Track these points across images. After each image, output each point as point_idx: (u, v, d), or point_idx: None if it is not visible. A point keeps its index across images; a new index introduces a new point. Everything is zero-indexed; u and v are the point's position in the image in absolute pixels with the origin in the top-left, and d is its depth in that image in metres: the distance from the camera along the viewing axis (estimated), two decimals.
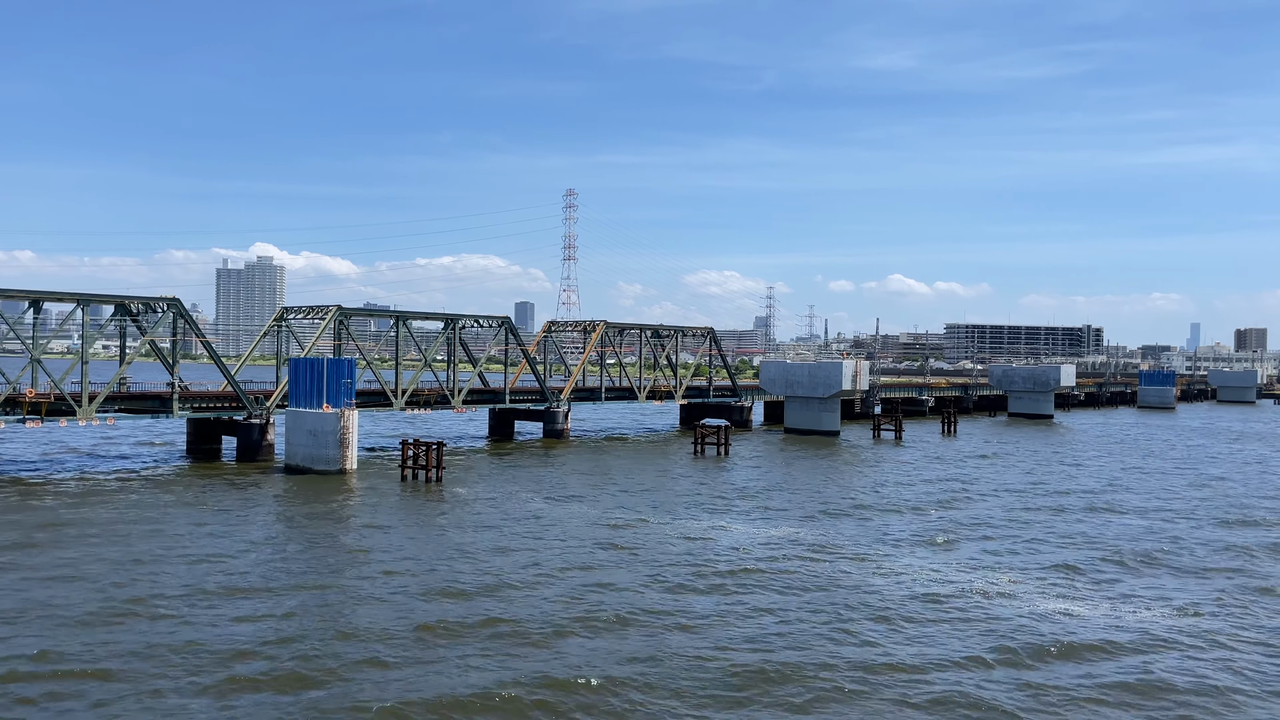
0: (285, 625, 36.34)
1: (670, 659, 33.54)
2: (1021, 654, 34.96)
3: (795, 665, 33.17)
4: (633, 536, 54.24)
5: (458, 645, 34.57)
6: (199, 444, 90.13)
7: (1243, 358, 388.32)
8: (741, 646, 35.05)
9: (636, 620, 37.99)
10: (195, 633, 35.11)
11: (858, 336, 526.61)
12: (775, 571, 46.52)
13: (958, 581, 45.28)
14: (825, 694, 30.90)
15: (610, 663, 33.10)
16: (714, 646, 34.93)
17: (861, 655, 34.46)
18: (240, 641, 34.25)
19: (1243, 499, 74.84)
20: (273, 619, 37.03)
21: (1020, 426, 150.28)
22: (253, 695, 29.54)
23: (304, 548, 50.07)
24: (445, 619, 37.42)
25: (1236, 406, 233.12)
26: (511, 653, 33.93)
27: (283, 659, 32.54)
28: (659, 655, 33.89)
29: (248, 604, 39.02)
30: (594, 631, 36.55)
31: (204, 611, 37.73)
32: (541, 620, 37.59)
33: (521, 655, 33.69)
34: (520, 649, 34.35)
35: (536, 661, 33.08)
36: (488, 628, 36.57)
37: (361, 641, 34.63)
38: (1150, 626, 38.85)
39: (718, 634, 36.42)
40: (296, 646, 33.77)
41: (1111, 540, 56.41)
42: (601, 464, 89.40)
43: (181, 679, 30.59)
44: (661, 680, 31.55)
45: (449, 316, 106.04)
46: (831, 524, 59.98)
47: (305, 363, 78.32)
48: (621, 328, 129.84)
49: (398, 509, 62.32)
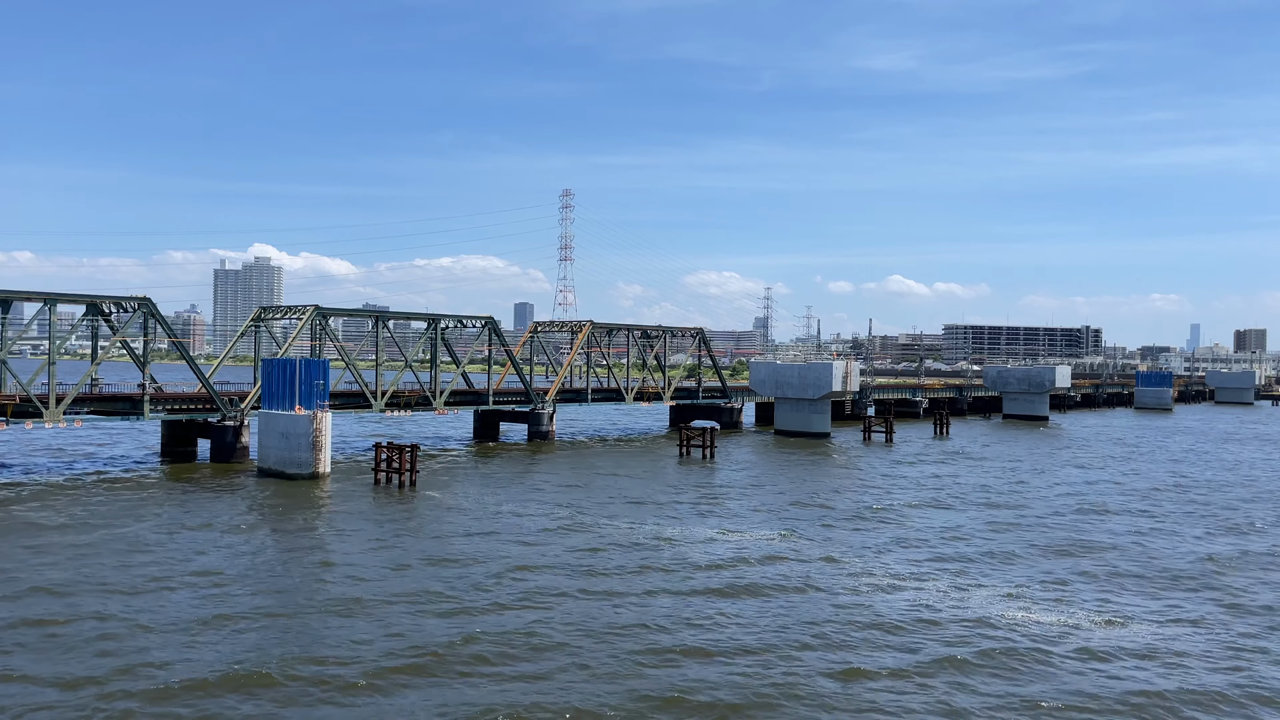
0: (218, 652, 34.65)
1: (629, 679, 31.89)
2: (988, 664, 33.30)
3: (745, 678, 31.52)
4: (596, 541, 52.54)
5: (411, 681, 32.86)
6: (174, 446, 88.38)
7: (1241, 358, 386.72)
8: (710, 673, 33.41)
9: (598, 636, 36.31)
10: (118, 661, 33.37)
11: (856, 337, 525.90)
12: (742, 579, 44.84)
13: (915, 589, 43.60)
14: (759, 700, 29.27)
15: (565, 689, 31.43)
16: (668, 653, 33.28)
17: (811, 668, 32.79)
18: (169, 674, 32.56)
19: (1211, 501, 73.23)
20: (211, 645, 35.36)
21: (1013, 428, 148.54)
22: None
23: (251, 564, 48.35)
24: (394, 650, 35.58)
25: (1234, 408, 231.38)
26: (465, 683, 32.25)
27: (214, 690, 30.85)
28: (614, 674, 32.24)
29: (175, 636, 37.32)
30: (536, 654, 34.85)
31: (127, 643, 35.99)
32: (496, 638, 35.90)
33: (475, 684, 32.01)
34: (477, 675, 32.66)
35: (489, 691, 31.40)
36: (443, 656, 34.85)
37: (298, 682, 32.94)
38: (1067, 627, 37.21)
39: (678, 640, 34.77)
40: (233, 677, 32.09)
41: (1076, 545, 54.77)
42: (583, 467, 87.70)
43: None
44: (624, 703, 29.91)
45: (431, 316, 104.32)
46: (803, 529, 58.26)
47: (278, 363, 76.64)
48: (610, 328, 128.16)
49: (364, 517, 60.55)
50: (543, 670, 32.47)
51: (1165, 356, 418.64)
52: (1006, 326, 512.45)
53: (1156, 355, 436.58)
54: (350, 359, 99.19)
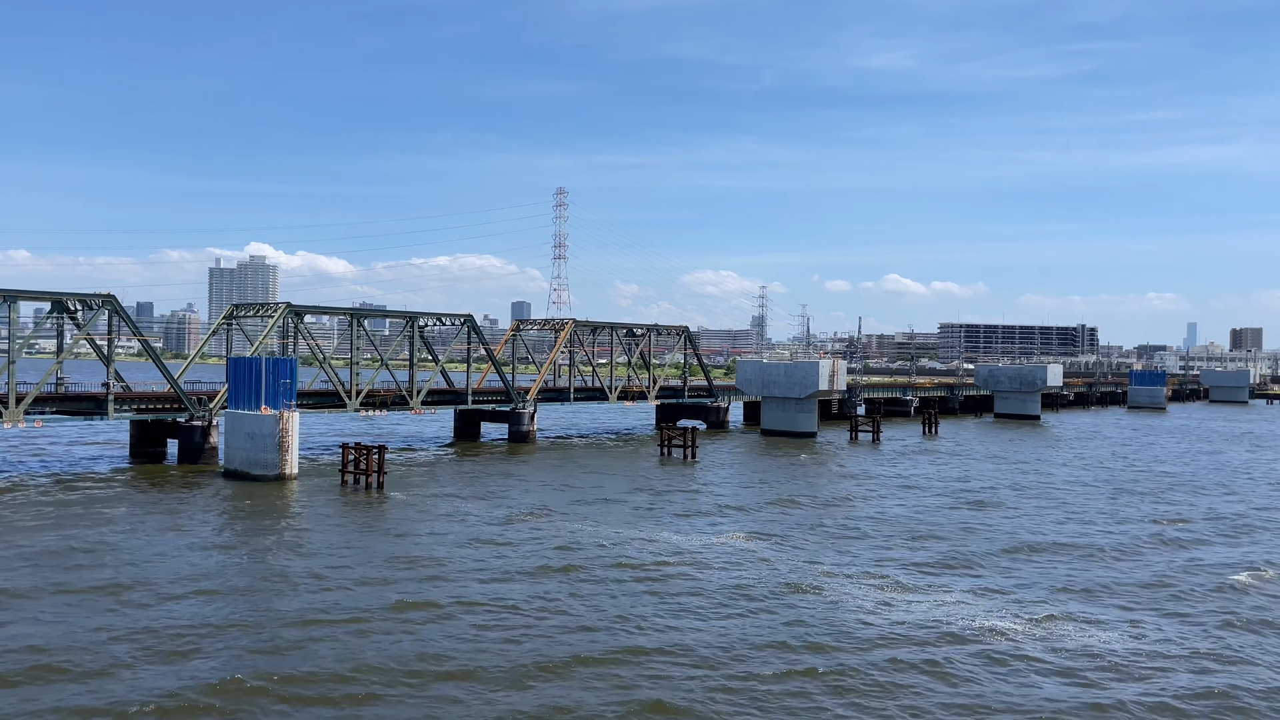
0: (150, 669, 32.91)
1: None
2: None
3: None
4: (552, 543, 50.82)
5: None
6: (142, 446, 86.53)
7: (1237, 357, 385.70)
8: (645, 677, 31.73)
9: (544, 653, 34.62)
10: (40, 659, 31.68)
11: (852, 336, 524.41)
12: (710, 581, 43.15)
13: (870, 589, 41.93)
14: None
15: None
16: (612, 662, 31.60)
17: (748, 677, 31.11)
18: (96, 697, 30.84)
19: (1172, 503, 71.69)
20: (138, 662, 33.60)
21: (1003, 427, 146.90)
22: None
23: (188, 571, 46.60)
24: (340, 673, 33.90)
25: (1228, 406, 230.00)
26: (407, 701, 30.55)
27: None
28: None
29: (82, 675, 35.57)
30: (494, 681, 33.16)
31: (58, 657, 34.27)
32: (443, 652, 34.20)
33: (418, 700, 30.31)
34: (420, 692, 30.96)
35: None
36: (388, 673, 33.14)
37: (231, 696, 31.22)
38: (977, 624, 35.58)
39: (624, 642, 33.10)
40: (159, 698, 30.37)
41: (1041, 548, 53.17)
42: (560, 468, 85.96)
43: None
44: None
45: (409, 314, 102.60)
46: (770, 529, 56.56)
47: (244, 362, 74.87)
48: (594, 326, 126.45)
49: (323, 521, 58.75)
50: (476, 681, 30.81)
51: (1161, 355, 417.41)
52: (1002, 325, 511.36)
53: (1152, 354, 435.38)
54: (326, 357, 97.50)
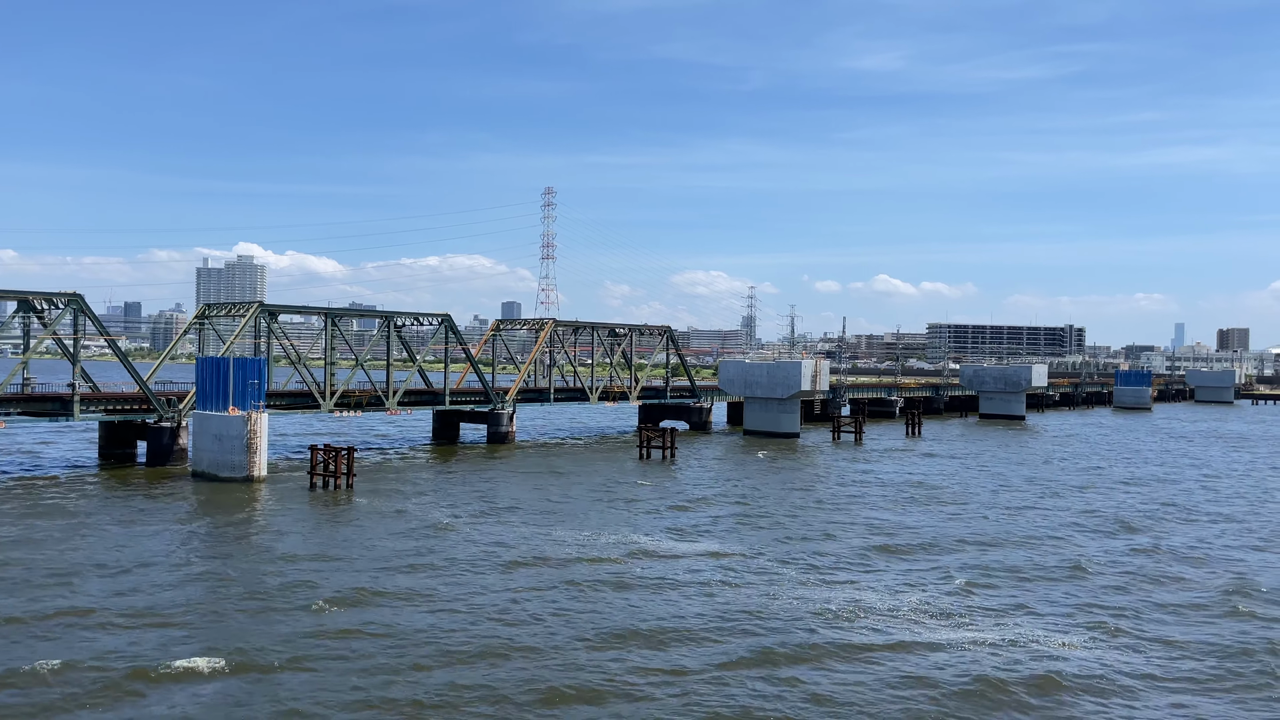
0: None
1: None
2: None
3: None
4: (514, 549, 49.75)
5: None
6: (111, 448, 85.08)
7: (1223, 357, 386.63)
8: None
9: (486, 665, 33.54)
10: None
11: (841, 336, 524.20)
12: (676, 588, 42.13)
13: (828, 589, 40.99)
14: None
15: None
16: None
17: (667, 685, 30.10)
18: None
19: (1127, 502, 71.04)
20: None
21: (987, 428, 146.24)
22: None
23: (134, 580, 45.38)
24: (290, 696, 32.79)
25: (1214, 406, 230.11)
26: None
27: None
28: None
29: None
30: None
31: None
32: (388, 667, 33.10)
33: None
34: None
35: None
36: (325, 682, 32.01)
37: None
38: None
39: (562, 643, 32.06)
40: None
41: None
42: (536, 470, 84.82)
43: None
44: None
45: (385, 314, 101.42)
46: (739, 532, 55.60)
47: (211, 363, 73.53)
48: (575, 326, 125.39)
49: (286, 525, 57.48)
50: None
51: (1148, 356, 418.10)
52: (990, 326, 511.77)
53: (1139, 355, 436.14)
54: (301, 357, 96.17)
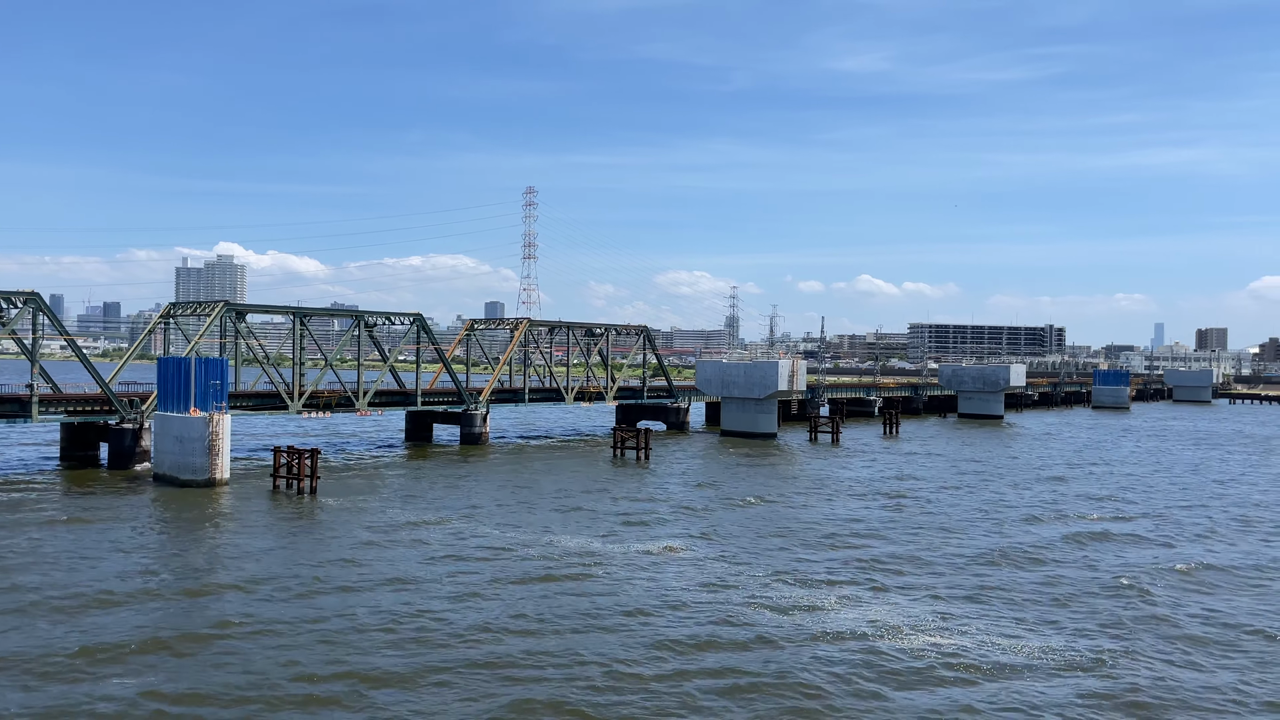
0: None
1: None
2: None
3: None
4: (471, 553, 48.61)
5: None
6: (73, 450, 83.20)
7: (1201, 357, 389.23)
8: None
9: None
10: None
11: (824, 337, 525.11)
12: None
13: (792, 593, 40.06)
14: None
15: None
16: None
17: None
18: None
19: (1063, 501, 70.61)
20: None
21: (965, 428, 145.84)
22: None
23: (78, 583, 43.97)
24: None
25: (1191, 406, 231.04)
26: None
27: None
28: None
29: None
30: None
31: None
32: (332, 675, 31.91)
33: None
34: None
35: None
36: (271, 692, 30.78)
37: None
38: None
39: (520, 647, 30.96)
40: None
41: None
42: (508, 471, 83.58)
43: None
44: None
45: (356, 313, 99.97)
46: (705, 533, 54.64)
47: (172, 363, 71.88)
48: (551, 326, 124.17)
49: (244, 530, 56.12)
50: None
51: (1127, 356, 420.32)
52: (971, 326, 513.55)
53: (1118, 354, 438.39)
54: (269, 357, 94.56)
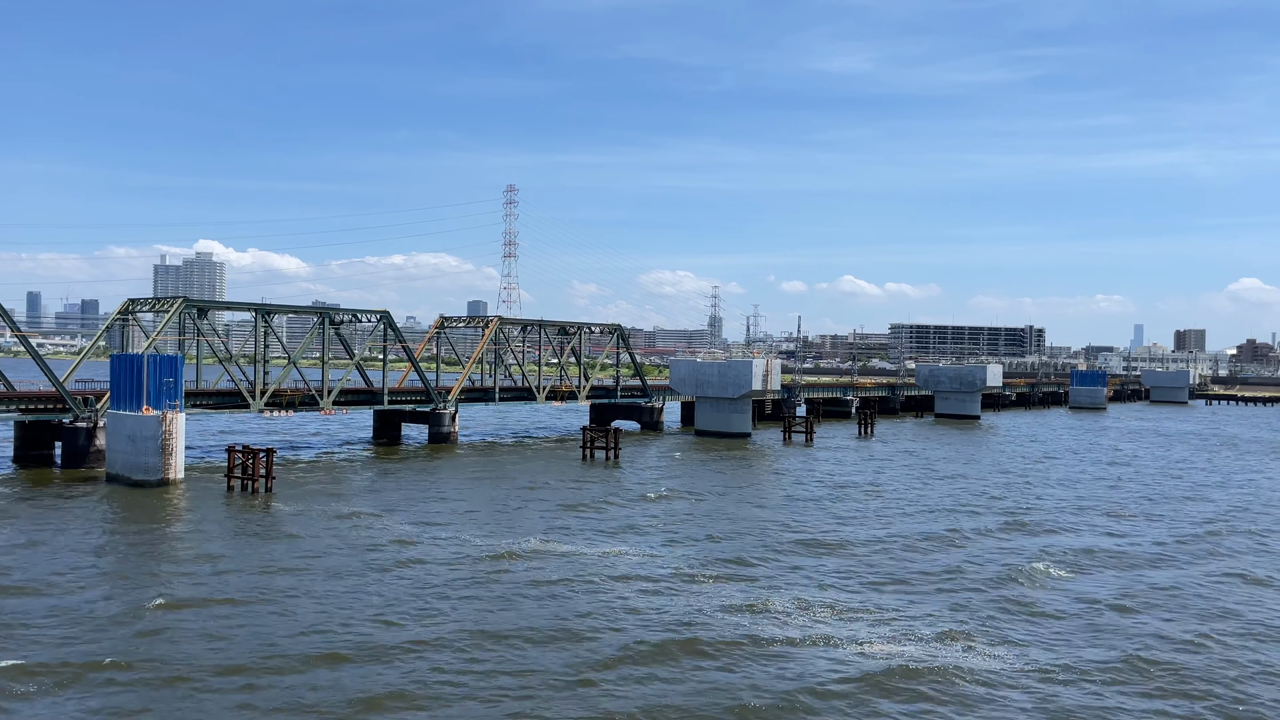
0: None
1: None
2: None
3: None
4: (424, 556, 47.21)
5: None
6: (27, 450, 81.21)
7: (1179, 358, 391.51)
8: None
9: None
10: None
11: (806, 336, 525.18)
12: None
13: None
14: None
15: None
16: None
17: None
18: None
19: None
20: None
21: (941, 428, 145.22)
22: None
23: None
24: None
25: (1168, 406, 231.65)
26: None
27: None
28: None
29: None
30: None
31: None
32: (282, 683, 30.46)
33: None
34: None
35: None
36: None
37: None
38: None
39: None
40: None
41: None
42: (473, 471, 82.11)
43: None
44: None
45: (322, 310, 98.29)
46: (652, 536, 53.45)
47: (125, 360, 70.08)
48: (523, 324, 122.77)
49: (191, 533, 54.52)
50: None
51: (1105, 356, 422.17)
52: (952, 326, 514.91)
53: (1097, 355, 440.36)
54: (231, 355, 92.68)
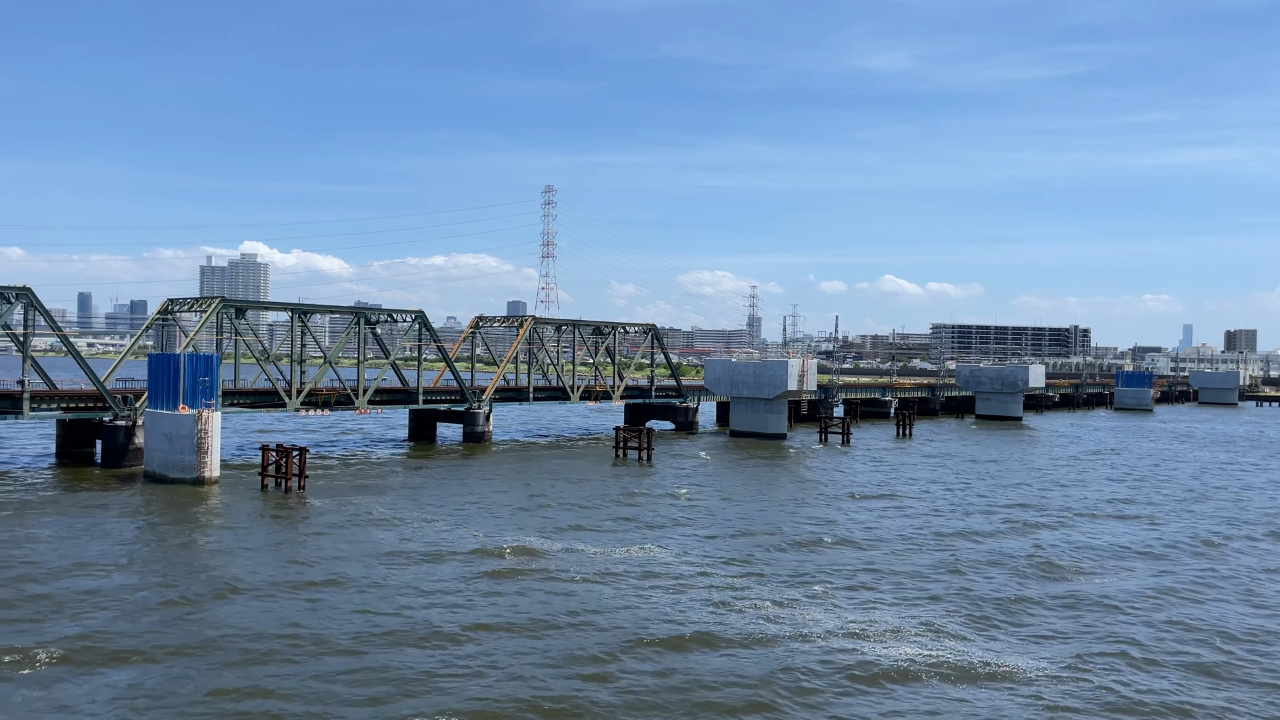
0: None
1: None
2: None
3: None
4: (444, 554, 47.00)
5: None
6: (69, 447, 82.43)
7: (1228, 359, 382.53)
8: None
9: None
10: None
11: (846, 337, 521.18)
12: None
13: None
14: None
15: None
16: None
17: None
18: None
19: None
20: None
21: (982, 430, 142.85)
22: None
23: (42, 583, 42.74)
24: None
25: (1216, 408, 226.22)
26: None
27: None
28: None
29: None
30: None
31: None
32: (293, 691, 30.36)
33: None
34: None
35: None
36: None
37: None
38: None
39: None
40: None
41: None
42: (506, 471, 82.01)
43: None
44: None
45: (357, 310, 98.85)
46: (680, 538, 52.81)
47: (162, 359, 70.83)
48: (557, 324, 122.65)
49: (223, 530, 54.88)
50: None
51: (1153, 357, 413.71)
52: (994, 326, 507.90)
53: (1144, 356, 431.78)
54: (269, 354, 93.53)
